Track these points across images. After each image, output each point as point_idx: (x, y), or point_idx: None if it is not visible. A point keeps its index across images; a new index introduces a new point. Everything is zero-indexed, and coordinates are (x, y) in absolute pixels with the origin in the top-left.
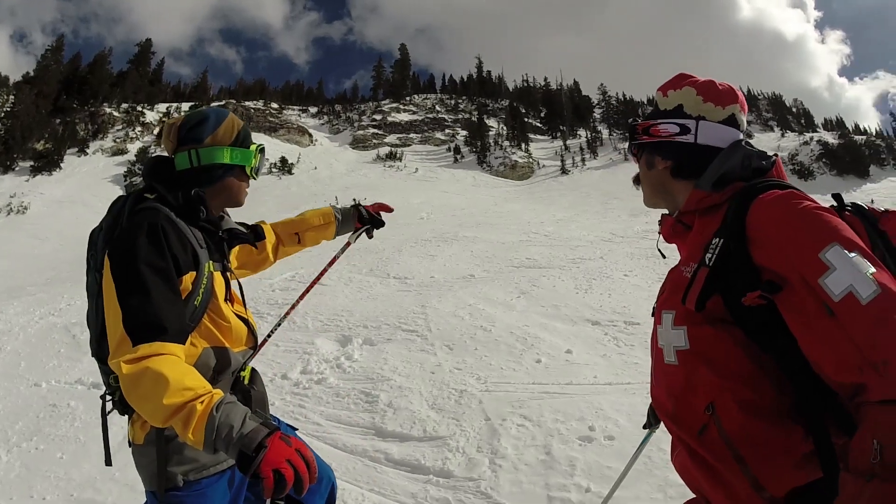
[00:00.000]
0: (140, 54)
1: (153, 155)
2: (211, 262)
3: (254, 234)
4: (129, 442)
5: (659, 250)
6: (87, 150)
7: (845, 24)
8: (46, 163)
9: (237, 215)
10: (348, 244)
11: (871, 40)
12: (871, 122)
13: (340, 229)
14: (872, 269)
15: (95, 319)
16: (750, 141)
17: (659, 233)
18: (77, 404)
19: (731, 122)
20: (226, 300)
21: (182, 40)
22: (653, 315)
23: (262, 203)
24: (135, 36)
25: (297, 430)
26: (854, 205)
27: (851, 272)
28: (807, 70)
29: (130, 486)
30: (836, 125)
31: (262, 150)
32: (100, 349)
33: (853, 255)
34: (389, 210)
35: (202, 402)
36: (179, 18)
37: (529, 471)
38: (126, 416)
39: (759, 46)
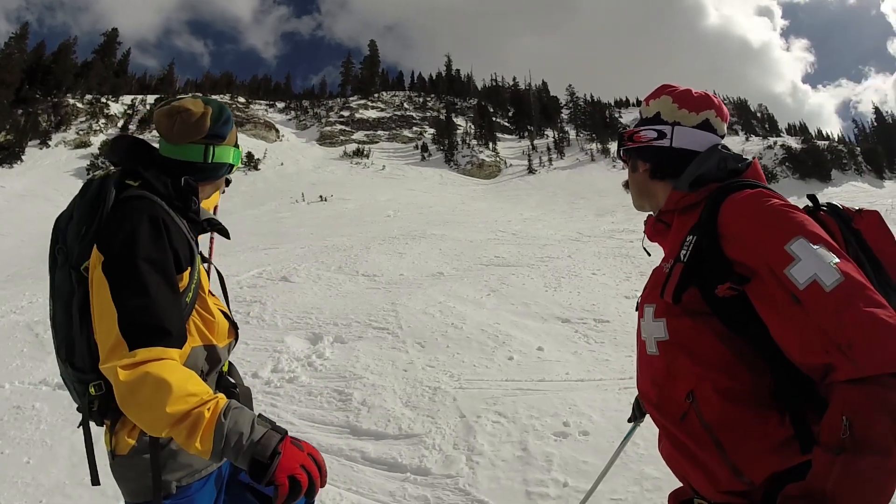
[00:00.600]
0: (106, 44)
1: (125, 135)
2: (199, 255)
3: None
4: (110, 454)
5: (644, 249)
6: (50, 143)
7: (810, 33)
8: (7, 155)
9: None
10: None
11: (835, 49)
12: (834, 128)
13: None
14: (836, 260)
15: (66, 321)
16: (727, 145)
17: (644, 232)
18: (42, 406)
19: (706, 126)
20: (210, 293)
21: (149, 31)
22: (637, 310)
23: (227, 199)
24: (101, 26)
25: None
26: (829, 205)
27: (816, 262)
28: (771, 76)
29: (101, 490)
30: (800, 130)
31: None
32: (70, 353)
33: (817, 247)
34: None
35: (209, 409)
36: (147, 8)
37: (507, 467)
38: (103, 426)
39: (725, 52)
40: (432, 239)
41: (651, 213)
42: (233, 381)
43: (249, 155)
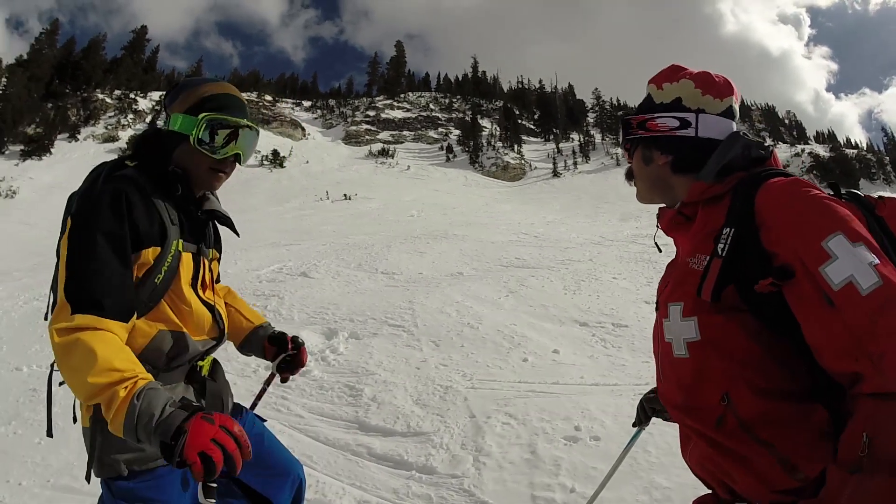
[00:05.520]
0: (135, 41)
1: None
2: (181, 240)
3: None
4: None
5: (656, 244)
6: (79, 136)
7: (833, 41)
8: (37, 147)
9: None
10: (272, 375)
11: (856, 58)
12: (857, 136)
13: (247, 340)
14: (876, 261)
15: (55, 285)
16: (746, 131)
17: (657, 226)
18: (58, 389)
19: (729, 113)
20: (192, 284)
21: (178, 33)
22: (657, 310)
23: (251, 195)
24: (132, 27)
25: (265, 420)
26: (850, 192)
27: (853, 262)
28: (791, 84)
29: None
30: (828, 138)
31: (217, 123)
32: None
33: (857, 245)
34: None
35: (125, 388)
36: (177, 10)
37: (514, 469)
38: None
39: (745, 59)
40: (454, 239)
41: (663, 205)
42: (213, 378)
43: (275, 152)
